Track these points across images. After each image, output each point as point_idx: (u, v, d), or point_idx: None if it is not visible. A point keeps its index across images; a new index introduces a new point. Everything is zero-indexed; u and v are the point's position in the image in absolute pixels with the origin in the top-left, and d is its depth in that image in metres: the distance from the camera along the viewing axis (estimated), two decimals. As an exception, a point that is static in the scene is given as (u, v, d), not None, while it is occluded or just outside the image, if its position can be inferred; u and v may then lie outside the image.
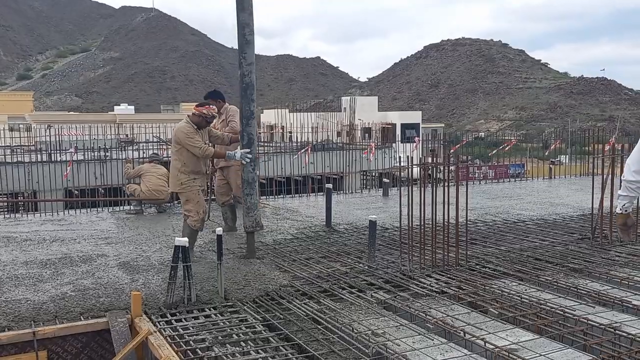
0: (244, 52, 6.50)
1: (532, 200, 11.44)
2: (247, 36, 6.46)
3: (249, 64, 6.54)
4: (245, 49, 6.49)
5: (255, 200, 6.74)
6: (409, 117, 49.81)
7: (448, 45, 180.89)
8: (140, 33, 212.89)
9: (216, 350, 4.23)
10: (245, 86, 6.53)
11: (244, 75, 6.53)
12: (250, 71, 6.54)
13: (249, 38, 6.48)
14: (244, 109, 6.62)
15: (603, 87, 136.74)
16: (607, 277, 5.76)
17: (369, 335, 4.33)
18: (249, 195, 6.70)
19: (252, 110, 6.60)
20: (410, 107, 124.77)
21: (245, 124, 6.65)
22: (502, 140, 20.87)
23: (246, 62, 6.52)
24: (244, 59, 6.51)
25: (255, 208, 6.72)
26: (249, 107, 6.59)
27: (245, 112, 6.63)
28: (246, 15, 6.43)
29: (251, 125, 6.64)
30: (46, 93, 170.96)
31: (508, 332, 4.39)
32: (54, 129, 24.59)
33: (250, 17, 6.44)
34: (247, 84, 6.53)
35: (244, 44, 6.49)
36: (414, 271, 6.07)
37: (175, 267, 5.19)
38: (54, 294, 5.51)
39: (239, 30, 6.46)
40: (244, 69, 6.52)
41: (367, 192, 13.96)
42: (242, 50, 6.50)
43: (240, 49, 6.52)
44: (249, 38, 6.48)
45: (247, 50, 6.50)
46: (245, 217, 6.74)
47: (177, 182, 6.81)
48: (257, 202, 6.80)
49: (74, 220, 9.90)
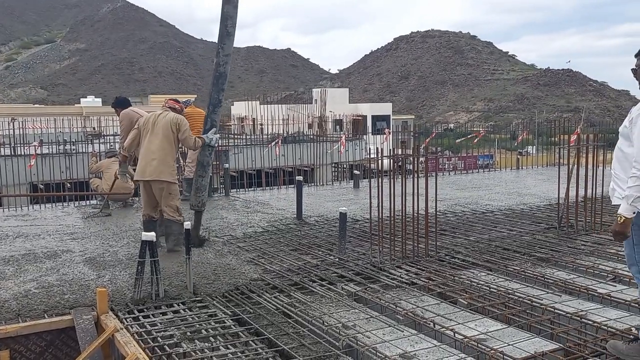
0: (223, 42, 6.66)
1: (501, 190, 11.58)
2: (228, 28, 6.60)
3: (226, 55, 6.69)
4: (225, 40, 6.64)
5: (205, 182, 6.95)
6: (380, 109, 50.03)
7: (417, 37, 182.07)
8: (107, 24, 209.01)
9: (184, 346, 4.17)
10: (218, 75, 6.70)
11: (219, 64, 6.69)
12: (225, 62, 6.71)
13: (230, 30, 6.62)
14: (213, 97, 6.78)
15: (569, 78, 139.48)
16: (574, 266, 5.86)
17: (340, 328, 4.31)
18: (201, 177, 6.89)
19: (220, 99, 6.77)
20: (381, 98, 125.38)
21: (211, 111, 6.84)
22: (471, 132, 21.06)
23: (224, 52, 6.66)
24: (222, 49, 6.67)
25: (204, 189, 6.94)
26: (217, 95, 6.77)
27: (214, 100, 6.79)
28: (231, 7, 6.56)
29: (216, 113, 6.89)
30: (10, 85, 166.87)
31: (477, 322, 4.42)
32: (18, 122, 23.99)
33: (234, 10, 6.58)
34: (221, 73, 6.68)
35: (224, 35, 6.63)
36: (384, 263, 6.08)
37: (143, 263, 5.10)
38: (16, 291, 5.36)
39: (222, 21, 6.60)
40: (220, 58, 6.68)
41: (338, 184, 13.96)
42: (222, 41, 6.66)
43: (220, 39, 6.67)
44: (230, 30, 6.62)
45: (227, 42, 6.64)
46: (193, 197, 6.92)
47: (172, 172, 6.68)
48: (206, 185, 7.02)
49: (39, 215, 9.66)
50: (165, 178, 6.53)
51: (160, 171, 6.51)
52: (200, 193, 6.88)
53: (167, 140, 6.58)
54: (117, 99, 8.23)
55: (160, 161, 6.52)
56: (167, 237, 6.75)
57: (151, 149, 6.57)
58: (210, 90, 6.77)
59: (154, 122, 6.66)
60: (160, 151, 6.54)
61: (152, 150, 6.56)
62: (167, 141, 6.58)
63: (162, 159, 6.53)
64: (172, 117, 6.68)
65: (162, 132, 6.58)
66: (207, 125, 6.82)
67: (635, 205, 3.43)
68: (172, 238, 6.68)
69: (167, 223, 6.67)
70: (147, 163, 6.55)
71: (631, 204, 3.43)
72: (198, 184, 6.88)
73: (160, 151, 6.54)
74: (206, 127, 6.82)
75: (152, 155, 6.53)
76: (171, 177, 6.60)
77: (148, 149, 6.59)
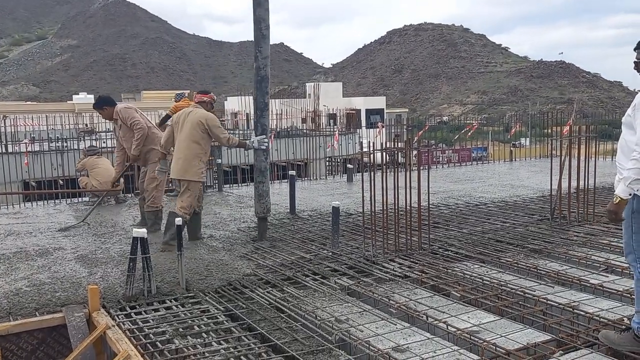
0: (259, 46, 6.69)
1: (494, 182, 11.60)
2: (263, 30, 6.65)
3: (264, 58, 6.71)
4: (261, 43, 6.68)
5: (266, 187, 6.94)
6: (374, 103, 49.97)
7: (411, 31, 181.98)
8: (99, 20, 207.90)
9: (177, 342, 4.14)
10: (260, 79, 6.71)
11: (259, 68, 6.72)
12: (265, 64, 6.71)
13: (265, 32, 6.67)
14: (259, 101, 6.78)
15: (562, 70, 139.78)
16: (566, 257, 5.86)
17: (333, 322, 4.30)
18: (261, 183, 6.90)
19: (266, 102, 6.80)
20: (375, 92, 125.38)
21: (260, 115, 6.80)
22: (464, 124, 21.08)
23: (262, 55, 6.70)
24: (260, 52, 6.71)
25: (266, 195, 6.91)
26: (263, 99, 6.78)
27: (260, 104, 6.77)
28: (262, 10, 6.64)
29: (265, 117, 6.84)
30: (1, 83, 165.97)
31: (470, 315, 4.42)
32: (9, 120, 23.82)
33: (266, 13, 6.66)
34: (262, 76, 6.72)
35: (260, 38, 6.68)
36: (377, 256, 6.07)
37: (134, 259, 5.07)
38: (7, 289, 5.32)
39: (256, 25, 6.67)
40: (259, 62, 6.71)
41: (331, 178, 13.95)
42: (258, 45, 6.70)
43: (256, 43, 6.71)
44: (265, 32, 6.67)
45: (263, 45, 6.69)
46: (257, 204, 6.93)
47: (197, 171, 6.69)
48: (268, 190, 6.97)
49: (31, 213, 9.61)
50: (189, 177, 6.67)
51: (185, 170, 6.66)
52: (263, 199, 6.88)
53: (194, 139, 6.65)
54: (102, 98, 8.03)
55: (185, 160, 6.65)
56: (166, 229, 6.79)
57: (179, 148, 6.72)
58: (255, 95, 6.76)
59: (184, 120, 6.74)
60: (186, 150, 6.65)
61: (180, 149, 6.71)
62: (194, 140, 6.65)
63: (187, 158, 6.65)
64: (200, 115, 6.69)
65: (189, 130, 6.66)
66: (259, 131, 6.79)
67: (632, 187, 3.46)
68: (170, 232, 6.66)
69: (170, 216, 6.69)
70: (175, 162, 6.75)
71: (628, 186, 3.46)
72: (260, 190, 6.88)
73: (186, 150, 6.65)
74: (257, 132, 6.80)
75: (179, 154, 6.70)
76: (196, 177, 6.68)
77: (177, 148, 6.77)
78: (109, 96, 8.15)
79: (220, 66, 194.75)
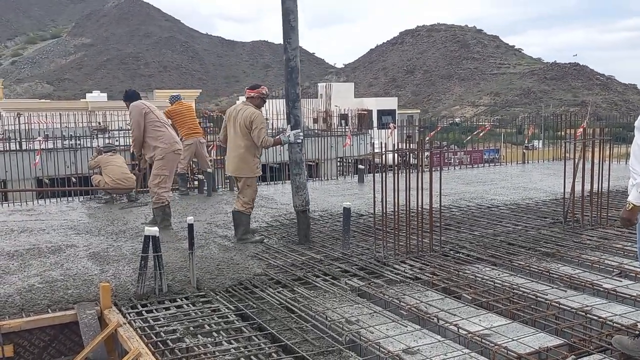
0: (289, 37, 6.70)
1: (506, 185, 11.53)
2: (291, 22, 6.69)
3: (294, 49, 6.75)
4: (290, 35, 6.70)
5: (303, 179, 6.92)
6: (385, 104, 49.75)
7: (423, 31, 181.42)
8: (112, 19, 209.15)
9: (187, 341, 4.16)
10: (291, 70, 6.74)
11: (289, 59, 6.72)
12: (295, 55, 6.74)
13: (294, 24, 6.71)
14: (290, 92, 6.78)
15: (576, 72, 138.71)
16: (579, 261, 5.81)
17: (343, 323, 4.30)
18: (298, 175, 6.89)
19: (297, 93, 6.80)
20: (387, 93, 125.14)
21: (292, 107, 6.82)
22: (477, 126, 20.97)
23: (291, 47, 6.73)
24: (289, 44, 6.71)
25: (304, 187, 6.89)
26: (294, 90, 6.78)
27: (292, 95, 6.79)
28: (291, 2, 6.70)
29: (297, 108, 6.86)
30: (16, 80, 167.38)
31: (481, 318, 4.39)
32: (24, 117, 24.03)
33: (294, 4, 6.71)
34: (292, 67, 6.74)
35: (289, 29, 6.71)
36: (388, 258, 6.06)
37: (146, 257, 5.09)
38: (20, 286, 5.37)
39: (284, 17, 6.68)
40: (289, 53, 6.71)
41: (342, 179, 13.93)
42: (287, 36, 6.70)
43: (285, 35, 6.71)
44: (294, 24, 6.71)
45: (292, 36, 6.72)
46: (295, 197, 6.90)
47: (253, 167, 6.88)
48: (305, 182, 6.94)
49: (44, 210, 9.68)
50: (244, 174, 6.88)
51: (240, 168, 6.87)
52: (301, 191, 6.86)
53: (243, 137, 6.79)
54: (126, 92, 8.13)
55: (239, 158, 6.85)
56: (235, 227, 7.06)
57: (231, 146, 6.94)
58: (286, 86, 6.79)
59: (235, 117, 6.90)
60: (238, 148, 6.83)
61: (232, 147, 6.91)
62: (243, 138, 6.79)
63: (240, 156, 6.83)
64: (247, 113, 6.78)
65: (238, 128, 6.83)
66: (292, 122, 6.80)
67: None
68: (241, 228, 6.97)
69: (236, 215, 6.96)
70: (230, 159, 6.99)
71: None
72: (297, 183, 6.87)
73: (238, 148, 6.84)
74: (290, 124, 6.81)
75: (233, 152, 6.91)
76: (251, 172, 6.88)
77: (229, 145, 6.97)
78: (133, 91, 8.17)
79: (232, 65, 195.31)
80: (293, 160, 6.91)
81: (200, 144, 10.82)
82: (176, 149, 7.75)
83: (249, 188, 6.91)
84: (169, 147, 7.62)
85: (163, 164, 7.59)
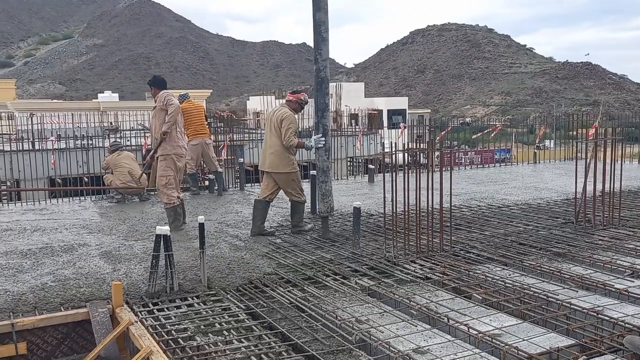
0: (319, 48, 6.86)
1: (517, 185, 11.47)
2: (322, 33, 6.83)
3: (324, 60, 6.91)
4: (321, 46, 6.86)
5: (329, 186, 7.11)
6: (396, 103, 49.70)
7: (434, 31, 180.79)
8: (124, 19, 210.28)
9: (198, 339, 4.18)
10: (321, 80, 6.89)
11: (319, 70, 6.89)
12: (325, 66, 6.91)
13: (325, 35, 6.85)
14: (319, 102, 6.98)
15: (588, 71, 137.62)
16: (590, 261, 5.78)
17: (353, 323, 4.30)
18: (324, 182, 7.08)
19: (326, 102, 6.98)
20: (397, 92, 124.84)
21: (321, 116, 6.99)
22: (488, 126, 20.87)
23: (321, 57, 6.89)
24: (320, 55, 6.87)
25: (329, 194, 7.10)
26: (323, 100, 6.94)
27: (320, 105, 6.97)
28: (322, 14, 6.83)
29: (325, 117, 7.03)
30: (29, 81, 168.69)
31: (492, 318, 4.38)
32: (37, 118, 24.22)
33: (325, 16, 6.85)
34: (322, 78, 6.90)
35: (319, 41, 6.87)
36: (399, 257, 6.05)
37: (157, 256, 5.13)
38: (33, 284, 5.42)
39: (315, 28, 6.83)
40: (319, 64, 6.88)
41: (353, 179, 13.93)
42: (318, 47, 6.86)
43: (316, 46, 6.89)
44: (325, 35, 6.85)
45: (323, 47, 6.87)
46: (320, 203, 7.13)
47: (288, 163, 7.26)
48: (330, 189, 7.15)
49: (56, 209, 9.77)
50: (282, 170, 7.26)
51: (277, 164, 7.24)
52: (327, 198, 7.08)
53: (277, 135, 7.20)
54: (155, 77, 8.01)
55: (275, 155, 7.24)
56: (292, 215, 7.52)
57: (267, 143, 7.32)
58: (316, 96, 6.97)
59: (270, 118, 7.34)
60: (274, 146, 7.22)
61: (268, 144, 7.30)
62: (277, 135, 7.20)
63: (276, 153, 7.23)
64: (280, 113, 7.23)
65: (272, 127, 7.24)
66: (320, 131, 6.99)
67: None
68: (297, 216, 7.46)
69: (294, 204, 7.41)
70: (266, 156, 7.34)
71: None
72: (323, 190, 7.08)
73: (274, 146, 7.23)
74: (318, 133, 7.00)
75: (268, 150, 7.30)
76: (288, 168, 7.26)
77: (265, 143, 7.37)
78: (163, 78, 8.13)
79: (242, 66, 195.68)
80: (320, 168, 7.11)
81: (206, 145, 10.83)
82: (178, 152, 7.73)
83: (293, 182, 7.33)
84: (172, 150, 7.64)
85: (167, 164, 7.63)
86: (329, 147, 7.09)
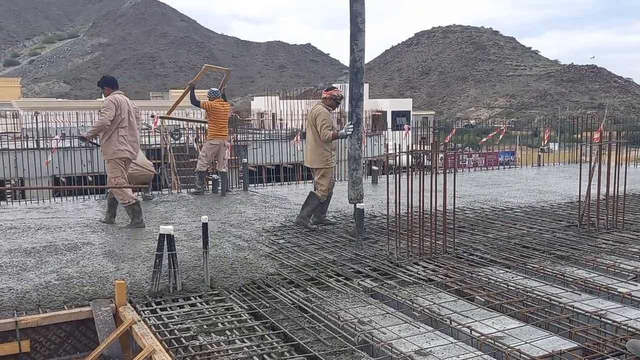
0: (356, 39, 6.86)
1: (521, 187, 11.46)
2: (359, 24, 6.85)
3: (360, 50, 6.91)
4: (358, 37, 6.87)
5: (360, 174, 7.17)
6: (400, 105, 49.63)
7: (439, 33, 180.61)
8: (129, 19, 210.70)
9: (201, 339, 4.20)
10: (356, 71, 6.92)
11: (355, 60, 6.90)
12: (361, 57, 6.93)
13: (361, 26, 6.86)
14: (354, 92, 6.98)
15: (593, 74, 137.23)
16: (594, 265, 5.77)
17: (355, 324, 4.31)
18: (355, 170, 7.14)
19: (361, 92, 7.01)
20: (401, 94, 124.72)
21: (355, 105, 7.06)
22: (492, 128, 20.84)
23: (358, 48, 6.90)
24: (356, 45, 6.88)
25: (359, 182, 7.15)
26: (358, 89, 6.97)
27: (355, 95, 7.01)
28: (359, 5, 6.87)
29: (360, 107, 7.08)
30: (34, 79, 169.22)
31: (494, 320, 4.38)
32: (41, 116, 24.30)
33: (362, 7, 6.88)
34: (358, 68, 6.93)
35: (356, 31, 6.88)
36: (402, 259, 6.06)
37: (161, 256, 5.14)
38: (37, 282, 5.44)
39: (352, 19, 6.84)
40: (355, 54, 6.88)
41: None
42: (355, 38, 6.86)
43: (352, 37, 6.87)
44: (361, 26, 6.86)
45: (359, 38, 6.88)
46: (351, 190, 7.17)
47: (322, 159, 7.59)
48: (361, 177, 7.21)
49: (60, 207, 9.80)
50: (316, 165, 7.65)
51: (313, 160, 7.66)
52: (357, 186, 7.15)
53: (313, 132, 7.57)
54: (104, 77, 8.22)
55: (311, 151, 7.65)
56: (304, 205, 7.78)
57: (307, 140, 7.81)
58: (351, 86, 6.99)
59: (309, 116, 7.72)
60: (312, 142, 7.63)
61: (308, 141, 7.76)
62: (314, 132, 7.55)
63: (312, 149, 7.63)
64: (315, 111, 7.59)
65: (310, 125, 7.64)
66: (354, 120, 7.03)
67: None
68: (307, 209, 7.71)
69: (311, 195, 7.70)
70: (306, 152, 7.86)
71: None
72: (354, 178, 7.14)
73: (311, 142, 7.65)
74: (353, 122, 7.03)
75: (308, 146, 7.76)
76: (322, 164, 7.60)
77: (306, 139, 7.83)
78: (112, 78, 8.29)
79: (247, 66, 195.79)
80: (352, 156, 7.16)
81: (223, 146, 11.13)
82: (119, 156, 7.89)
83: (324, 178, 7.63)
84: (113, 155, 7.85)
85: (112, 167, 7.92)
86: (361, 136, 7.12)
